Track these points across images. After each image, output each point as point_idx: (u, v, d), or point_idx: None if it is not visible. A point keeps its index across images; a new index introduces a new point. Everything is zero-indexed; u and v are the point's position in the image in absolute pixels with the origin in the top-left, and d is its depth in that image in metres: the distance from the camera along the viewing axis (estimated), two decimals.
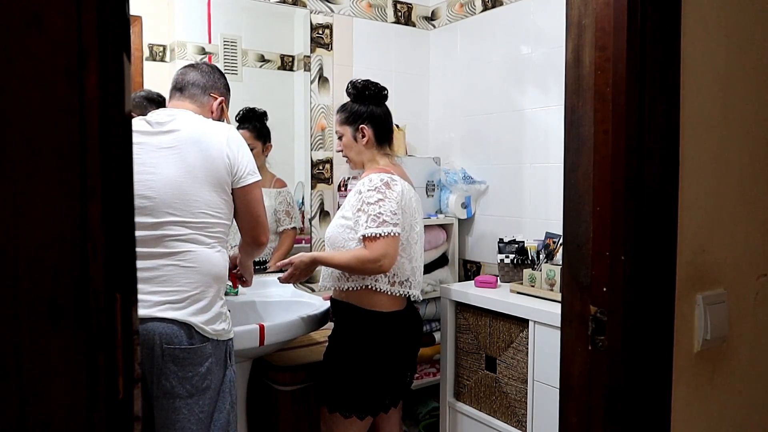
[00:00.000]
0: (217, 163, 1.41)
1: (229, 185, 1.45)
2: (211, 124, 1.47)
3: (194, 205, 1.39)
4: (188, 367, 1.35)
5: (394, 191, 1.68)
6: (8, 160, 0.40)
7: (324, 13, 2.41)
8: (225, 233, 1.48)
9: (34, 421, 0.41)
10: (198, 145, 1.41)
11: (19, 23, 0.40)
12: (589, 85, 0.84)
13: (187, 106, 1.52)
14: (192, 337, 1.36)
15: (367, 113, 1.81)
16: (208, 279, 1.40)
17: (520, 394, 1.89)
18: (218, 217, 1.43)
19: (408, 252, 1.76)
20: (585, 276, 0.85)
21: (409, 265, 1.76)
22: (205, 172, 1.40)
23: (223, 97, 1.60)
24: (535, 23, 2.24)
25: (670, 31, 0.84)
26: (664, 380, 0.87)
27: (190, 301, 1.36)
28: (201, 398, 1.36)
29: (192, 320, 1.36)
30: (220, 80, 1.61)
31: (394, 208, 1.65)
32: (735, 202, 0.98)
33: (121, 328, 0.45)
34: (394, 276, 1.73)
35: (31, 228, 0.41)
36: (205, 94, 1.56)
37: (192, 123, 1.45)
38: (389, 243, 1.62)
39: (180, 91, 1.55)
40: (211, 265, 1.41)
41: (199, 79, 1.55)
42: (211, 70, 1.59)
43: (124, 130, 0.45)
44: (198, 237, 1.40)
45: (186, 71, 1.57)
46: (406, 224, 1.73)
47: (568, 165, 0.88)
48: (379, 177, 1.70)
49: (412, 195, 1.79)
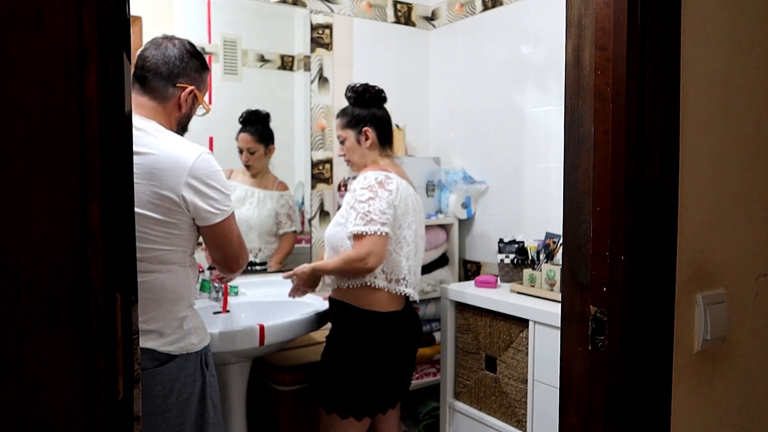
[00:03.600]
0: (167, 200, 1.23)
1: (187, 221, 1.28)
2: (175, 149, 1.25)
3: (140, 240, 1.21)
4: (157, 387, 1.26)
5: (386, 190, 1.68)
6: (8, 160, 0.40)
7: (324, 13, 2.41)
8: (184, 253, 1.32)
9: (34, 421, 0.41)
10: (150, 176, 1.21)
11: (19, 23, 0.40)
12: (589, 85, 0.84)
13: (146, 103, 1.31)
14: (155, 359, 1.25)
15: (370, 116, 1.82)
16: (164, 307, 1.27)
17: (520, 394, 1.89)
18: (173, 250, 1.28)
19: (404, 250, 1.75)
20: (585, 276, 0.85)
21: (405, 264, 1.75)
22: (151, 209, 1.22)
23: (194, 85, 1.36)
24: (535, 23, 2.24)
25: (670, 31, 0.84)
26: (664, 380, 0.87)
27: (145, 330, 1.24)
28: (180, 411, 1.31)
29: (151, 345, 1.25)
30: (190, 63, 1.36)
31: (383, 208, 1.65)
32: (735, 202, 0.98)
33: (121, 328, 0.45)
34: (391, 273, 1.73)
35: (31, 228, 0.41)
36: (169, 84, 1.33)
37: (153, 147, 1.23)
38: (375, 242, 1.63)
39: (140, 83, 1.32)
40: (165, 292, 1.27)
41: (161, 66, 1.32)
42: (178, 52, 1.34)
43: (124, 130, 0.45)
44: (150, 266, 1.25)
45: (147, 56, 1.33)
46: (402, 223, 1.73)
47: (568, 165, 0.88)
48: (374, 175, 1.70)
49: (410, 194, 1.79)
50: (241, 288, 2.11)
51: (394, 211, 1.69)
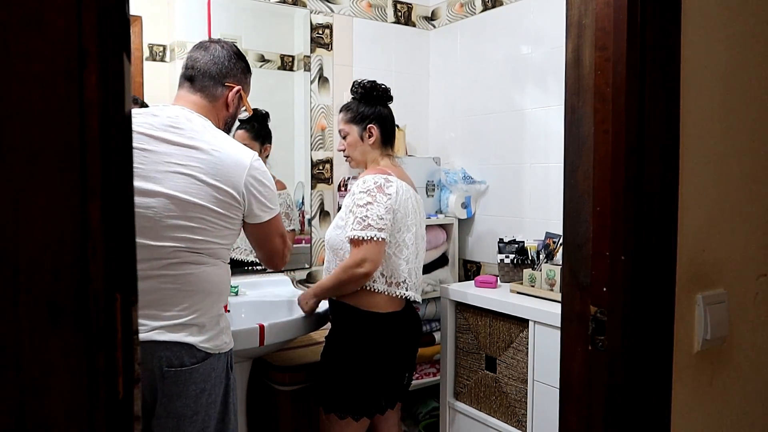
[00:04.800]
0: (230, 197, 1.30)
1: (240, 218, 1.35)
2: (234, 149, 1.33)
3: (199, 232, 1.28)
4: (192, 387, 1.29)
5: (385, 195, 1.67)
6: (8, 160, 0.40)
7: (324, 13, 2.41)
8: (229, 250, 1.39)
9: (34, 421, 0.41)
10: (216, 172, 1.28)
11: (19, 23, 0.40)
12: (589, 85, 0.84)
13: (197, 101, 1.38)
14: (194, 357, 1.29)
15: (375, 114, 1.82)
16: (209, 299, 1.32)
17: (520, 394, 1.89)
18: (223, 245, 1.34)
19: (404, 253, 1.75)
20: (585, 276, 0.85)
21: (405, 267, 1.75)
22: (214, 202, 1.29)
23: (240, 86, 1.43)
24: (535, 23, 2.24)
25: (670, 31, 0.84)
26: (664, 380, 0.87)
27: (189, 324, 1.29)
28: (206, 414, 1.32)
29: (192, 340, 1.29)
30: (237, 64, 1.43)
31: (381, 213, 1.64)
32: (735, 202, 0.98)
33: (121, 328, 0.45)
34: (391, 276, 1.73)
35: (31, 228, 0.41)
36: (218, 84, 1.40)
37: (214, 144, 1.30)
38: (371, 247, 1.63)
39: (190, 81, 1.39)
40: (212, 285, 1.32)
41: (211, 67, 1.39)
42: (227, 53, 1.42)
43: (124, 130, 0.45)
44: (199, 258, 1.30)
45: (197, 57, 1.40)
46: (402, 226, 1.72)
47: (568, 165, 0.88)
48: (374, 179, 1.69)
49: (410, 196, 1.78)
50: (241, 288, 2.11)
51: (393, 216, 1.68)
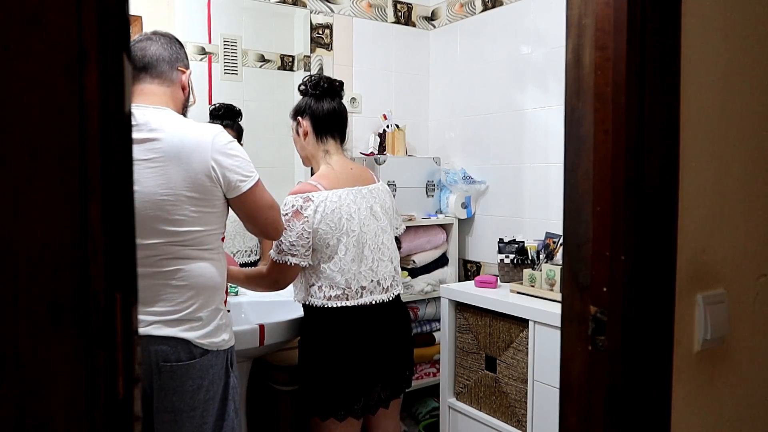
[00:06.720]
0: (201, 178, 1.28)
1: (220, 197, 1.33)
2: (193, 130, 1.30)
3: (180, 223, 1.27)
4: (188, 382, 1.29)
5: (300, 220, 1.59)
6: (8, 160, 0.40)
7: (324, 13, 2.41)
8: (218, 239, 1.38)
9: (34, 421, 0.41)
10: (179, 158, 1.26)
11: (19, 23, 0.40)
12: (589, 85, 0.84)
13: (157, 90, 1.35)
14: (190, 352, 1.29)
15: (306, 105, 1.73)
16: (204, 294, 1.32)
17: (520, 394, 1.89)
18: (208, 231, 1.33)
19: (338, 264, 1.64)
20: (585, 276, 0.85)
21: (342, 278, 1.64)
22: (189, 188, 1.27)
23: (190, 69, 1.44)
24: (535, 23, 2.24)
25: (670, 31, 0.84)
26: (664, 380, 0.87)
27: (185, 319, 1.29)
28: (204, 410, 1.32)
29: (188, 336, 1.29)
30: (181, 50, 1.44)
31: (293, 239, 1.59)
32: (735, 202, 0.98)
33: (121, 328, 0.45)
34: (330, 290, 1.64)
35: (31, 228, 0.41)
36: (173, 69, 1.39)
37: (171, 130, 1.28)
38: (282, 270, 1.63)
39: (146, 71, 1.35)
40: (205, 279, 1.32)
41: (162, 52, 1.37)
42: (169, 40, 1.41)
43: (124, 130, 0.45)
44: (188, 252, 1.29)
45: (145, 45, 1.37)
46: (331, 238, 1.62)
47: (568, 165, 0.88)
48: (292, 202, 1.62)
49: (351, 200, 1.66)
50: (240, 288, 2.11)
51: (314, 235, 1.61)
